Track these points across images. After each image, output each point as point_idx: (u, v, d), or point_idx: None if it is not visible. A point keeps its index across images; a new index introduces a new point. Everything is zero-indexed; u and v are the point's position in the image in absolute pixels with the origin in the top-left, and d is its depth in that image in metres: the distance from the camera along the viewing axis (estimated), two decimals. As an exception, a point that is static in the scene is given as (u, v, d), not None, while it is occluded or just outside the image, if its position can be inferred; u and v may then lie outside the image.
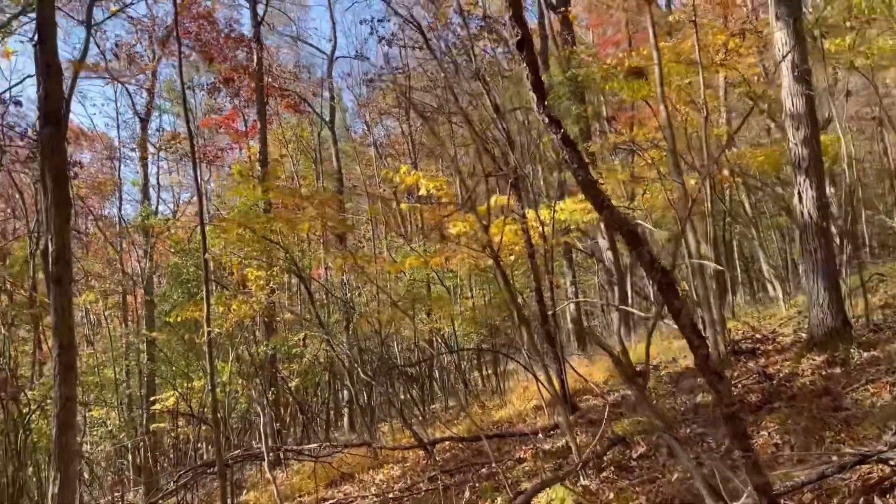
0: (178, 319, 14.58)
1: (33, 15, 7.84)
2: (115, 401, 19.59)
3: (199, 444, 18.16)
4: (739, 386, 7.38)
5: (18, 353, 16.13)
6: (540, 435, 8.41)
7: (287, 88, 23.41)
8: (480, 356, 19.20)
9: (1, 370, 12.26)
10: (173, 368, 17.54)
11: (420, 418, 13.05)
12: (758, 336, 10.03)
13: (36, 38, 6.79)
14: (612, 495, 5.34)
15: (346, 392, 18.31)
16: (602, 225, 13.02)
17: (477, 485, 6.98)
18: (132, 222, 21.96)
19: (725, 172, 13.46)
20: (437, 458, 9.39)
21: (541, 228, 9.29)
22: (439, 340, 18.21)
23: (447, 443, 10.02)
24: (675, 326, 10.43)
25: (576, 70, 12.53)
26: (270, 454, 10.15)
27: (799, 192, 7.67)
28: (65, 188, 6.76)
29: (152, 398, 17.00)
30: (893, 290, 9.93)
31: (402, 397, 16.16)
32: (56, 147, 6.69)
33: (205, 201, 22.79)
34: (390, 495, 7.79)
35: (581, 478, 5.91)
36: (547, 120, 2.67)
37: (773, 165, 12.53)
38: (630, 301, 14.95)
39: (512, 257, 10.13)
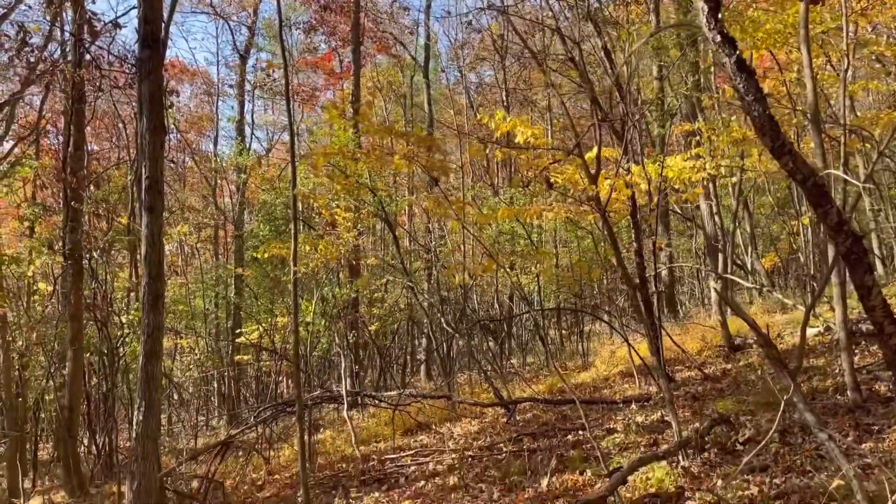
0: (265, 256, 14.72)
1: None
2: (203, 330, 20.27)
3: (281, 379, 18.56)
4: (864, 372, 6.64)
5: (114, 278, 16.74)
6: (633, 405, 7.91)
7: (385, 30, 23.00)
8: (560, 315, 18.67)
9: (94, 294, 12.67)
10: (259, 303, 17.86)
11: (498, 373, 12.77)
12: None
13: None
14: (718, 482, 4.83)
15: (424, 340, 18.21)
16: (710, 186, 12.11)
17: (564, 453, 6.59)
18: (227, 158, 22.32)
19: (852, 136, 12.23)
20: (518, 419, 9.07)
21: (646, 185, 8.62)
22: (519, 296, 17.78)
23: (527, 403, 9.69)
24: (774, 298, 9.55)
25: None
26: (349, 398, 10.10)
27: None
28: (160, 113, 6.60)
29: (238, 331, 17.41)
30: None
31: (482, 349, 15.91)
32: (153, 69, 6.52)
33: (296, 139, 22.97)
34: (469, 453, 7.51)
35: (681, 458, 5.42)
36: (719, 38, 2.14)
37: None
38: (730, 270, 14.02)
39: (612, 214, 9.50)
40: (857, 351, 7.56)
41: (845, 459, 2.69)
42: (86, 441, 14.25)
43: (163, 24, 7.06)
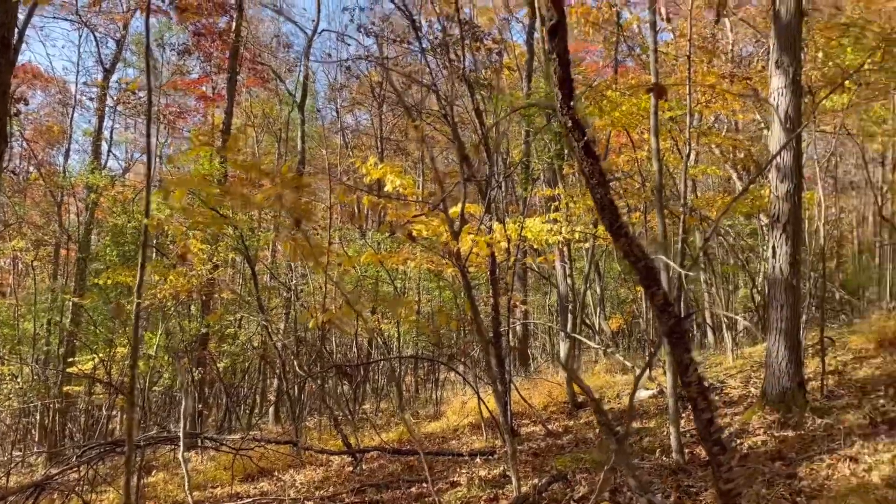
0: (110, 282, 13.76)
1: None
2: (30, 356, 18.49)
3: (115, 413, 17.27)
4: (688, 435, 7.14)
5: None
6: (478, 458, 8.03)
7: (262, 62, 22.66)
8: (418, 362, 18.76)
9: None
10: (98, 332, 16.60)
11: (350, 419, 12.56)
12: (706, 384, 9.85)
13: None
14: (550, 539, 4.98)
15: (276, 381, 17.63)
16: (564, 249, 12.75)
17: (406, 505, 6.56)
18: (77, 175, 20.84)
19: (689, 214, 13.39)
20: (365, 467, 8.94)
21: (506, 244, 8.95)
22: (380, 341, 17.72)
23: (375, 452, 9.58)
24: (617, 359, 10.13)
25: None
26: (188, 439, 9.54)
27: (773, 247, 7.50)
28: (2, 120, 6.10)
29: (70, 360, 16.04)
30: (843, 357, 9.90)
31: (335, 393, 15.60)
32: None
33: (156, 162, 21.88)
34: (309, 503, 7.29)
35: (518, 514, 5.55)
36: (571, 123, 2.29)
37: (744, 213, 12.49)
38: (579, 329, 14.74)
39: (472, 268, 9.75)
40: (683, 415, 8.13)
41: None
42: None
43: (15, 28, 6.60)
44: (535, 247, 12.28)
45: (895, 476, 4.96)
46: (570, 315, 12.55)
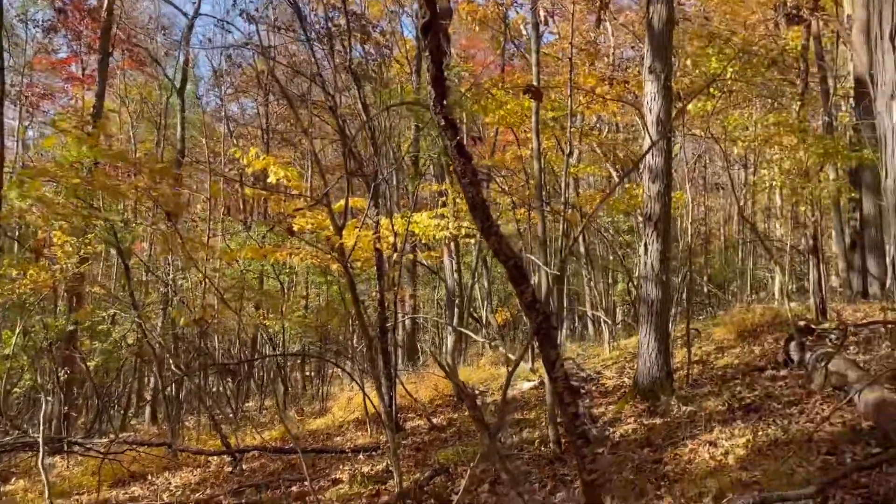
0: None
1: None
2: None
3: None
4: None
5: None
6: (361, 455, 7.97)
7: (138, 44, 21.45)
8: (304, 358, 18.44)
9: None
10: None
11: (231, 418, 12.17)
12: (583, 374, 10.25)
13: None
14: (430, 533, 5.02)
15: (153, 380, 16.81)
16: (451, 245, 12.90)
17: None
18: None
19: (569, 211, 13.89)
20: (245, 467, 8.68)
21: (393, 238, 8.93)
22: (264, 336, 17.27)
23: (255, 451, 9.32)
24: (502, 351, 10.33)
25: (450, 82, 12.35)
26: (51, 444, 8.91)
27: (646, 244, 7.89)
28: None
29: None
30: (707, 347, 10.56)
31: (215, 390, 15.08)
32: None
33: (17, 147, 20.26)
34: (184, 507, 7.00)
35: (399, 509, 5.55)
36: (443, 122, 2.29)
37: (621, 211, 13.07)
38: (465, 323, 14.97)
39: (359, 263, 9.67)
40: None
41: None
42: None
43: None
44: (424, 241, 12.35)
45: (748, 458, 5.34)
46: (456, 309, 12.70)
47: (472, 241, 14.60)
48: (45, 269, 9.48)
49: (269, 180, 9.25)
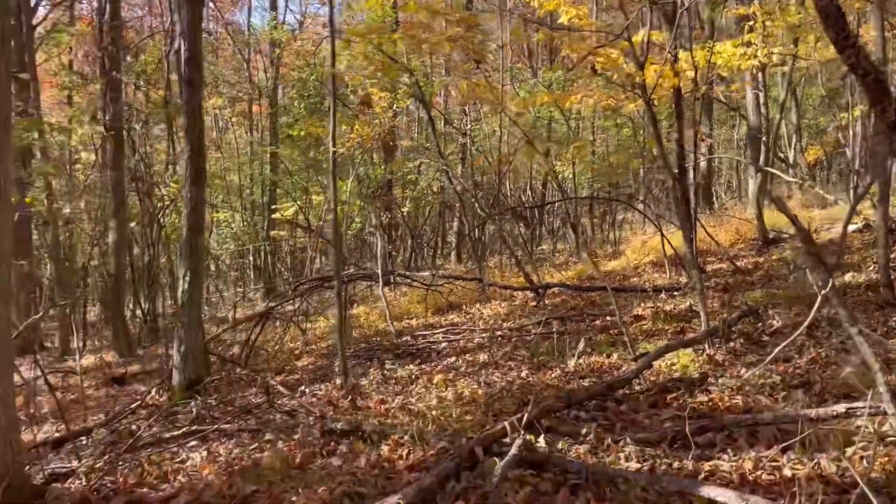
0: (300, 134, 14.70)
1: None
2: (239, 205, 20.65)
3: (315, 255, 19.05)
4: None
5: (153, 150, 16.93)
6: (662, 294, 8.03)
7: None
8: (592, 204, 18.59)
9: (136, 165, 12.89)
10: (294, 181, 18.03)
11: (529, 258, 12.93)
12: None
13: None
14: (742, 370, 4.98)
15: (456, 224, 18.36)
16: (759, 75, 11.63)
17: (591, 337, 6.78)
18: (260, 32, 21.82)
19: None
20: (547, 303, 9.28)
21: (692, 73, 8.31)
22: (554, 184, 17.67)
23: (556, 288, 9.87)
24: (815, 193, 9.35)
25: None
26: (383, 276, 10.38)
27: None
28: (197, -17, 6.46)
29: (273, 207, 17.70)
30: None
31: (513, 236, 16.03)
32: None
33: (334, 12, 22.25)
34: (498, 332, 7.77)
35: (707, 346, 5.56)
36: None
37: None
38: (771, 163, 13.72)
39: (655, 101, 9.22)
40: (893, 249, 7.50)
41: (871, 353, 2.76)
42: (131, 306, 14.97)
43: None
44: (724, 75, 11.29)
45: None
46: (763, 146, 11.67)
47: (783, 69, 12.99)
48: (368, 124, 10.64)
49: (559, 21, 9.05)
